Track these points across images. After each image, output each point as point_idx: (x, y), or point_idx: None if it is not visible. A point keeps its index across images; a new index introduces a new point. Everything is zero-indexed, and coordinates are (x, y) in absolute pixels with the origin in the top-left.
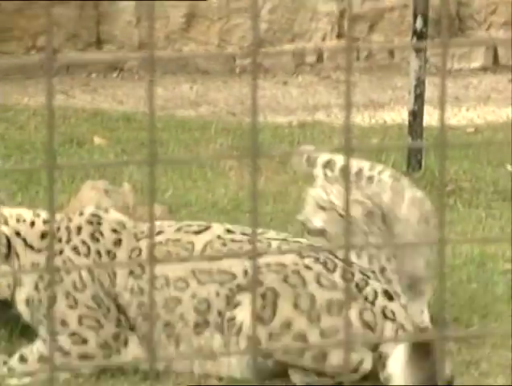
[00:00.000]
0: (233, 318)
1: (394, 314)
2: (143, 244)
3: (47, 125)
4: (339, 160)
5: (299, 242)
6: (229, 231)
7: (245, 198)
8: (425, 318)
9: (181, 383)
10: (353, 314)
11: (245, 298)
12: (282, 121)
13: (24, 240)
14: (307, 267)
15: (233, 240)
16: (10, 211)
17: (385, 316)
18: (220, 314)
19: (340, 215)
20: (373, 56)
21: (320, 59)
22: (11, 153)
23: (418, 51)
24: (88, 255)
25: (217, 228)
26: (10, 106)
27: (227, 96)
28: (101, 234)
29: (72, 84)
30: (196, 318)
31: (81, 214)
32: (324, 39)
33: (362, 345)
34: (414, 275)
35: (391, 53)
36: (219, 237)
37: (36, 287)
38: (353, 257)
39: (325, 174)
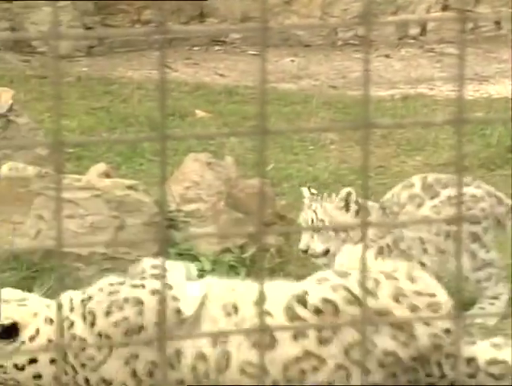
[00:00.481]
0: None
1: None
2: None
3: (159, 96)
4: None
5: None
6: None
7: (346, 171)
8: None
9: None
10: None
11: None
12: (384, 94)
13: None
14: None
15: None
16: None
17: None
18: None
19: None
20: (478, 28)
21: (423, 31)
22: (116, 125)
23: None
24: None
25: None
26: (115, 79)
27: (328, 70)
28: None
29: (174, 57)
30: None
31: None
32: (428, 11)
33: None
34: None
35: (498, 24)
36: None
37: None
38: None
39: (311, 193)
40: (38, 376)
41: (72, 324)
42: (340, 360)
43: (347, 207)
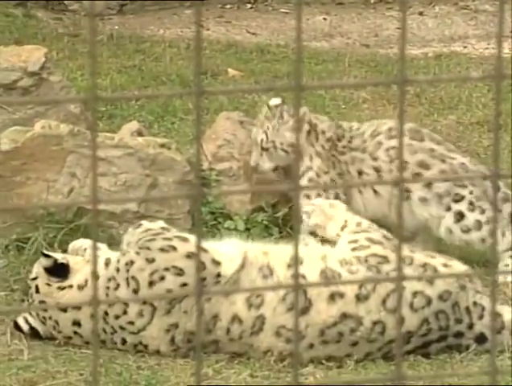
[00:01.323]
0: None
1: None
2: None
3: (195, 54)
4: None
5: None
6: None
7: None
8: None
9: None
10: None
11: None
12: (417, 52)
13: None
14: None
15: None
16: None
17: None
18: None
19: (284, 151)
20: None
21: None
22: (148, 84)
23: None
24: None
25: None
26: (146, 38)
27: (361, 28)
28: None
29: (206, 15)
30: None
31: None
32: None
33: None
34: None
35: None
36: None
37: None
38: None
39: (266, 112)
40: (77, 324)
41: (117, 286)
42: (376, 316)
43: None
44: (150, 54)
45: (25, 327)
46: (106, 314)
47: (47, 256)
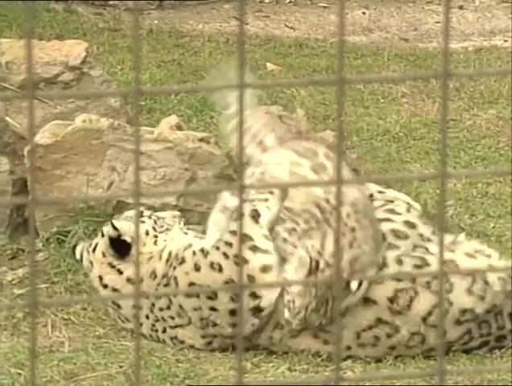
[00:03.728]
0: None
1: None
2: None
3: (238, 46)
4: None
5: None
6: None
7: (418, 125)
8: None
9: None
10: None
11: None
12: (457, 46)
13: None
14: None
15: None
16: None
17: None
18: None
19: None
20: None
21: None
22: (187, 78)
23: None
24: None
25: None
26: (185, 32)
27: (400, 22)
28: None
29: (245, 9)
30: None
31: None
32: None
33: None
34: None
35: None
36: None
37: None
38: None
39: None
40: (117, 305)
41: (167, 284)
42: (415, 328)
43: None
44: (189, 48)
45: (78, 256)
46: (153, 305)
47: (115, 227)
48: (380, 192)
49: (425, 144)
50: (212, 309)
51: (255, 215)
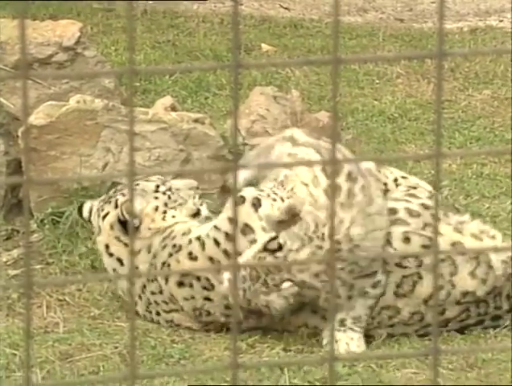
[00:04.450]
0: None
1: None
2: None
3: (232, 26)
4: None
5: None
6: None
7: (413, 105)
8: None
9: None
10: None
11: None
12: (452, 27)
13: None
14: None
15: None
16: None
17: None
18: None
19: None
20: None
21: None
22: (181, 59)
23: None
24: None
25: None
26: (180, 13)
27: (394, 2)
28: None
29: None
30: None
31: None
32: None
33: None
34: None
35: None
36: None
37: None
38: None
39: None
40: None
41: (161, 266)
42: (415, 308)
43: None
44: (183, 29)
45: (86, 214)
46: (145, 286)
47: (123, 214)
48: (403, 177)
49: (420, 125)
50: (207, 299)
51: (256, 204)
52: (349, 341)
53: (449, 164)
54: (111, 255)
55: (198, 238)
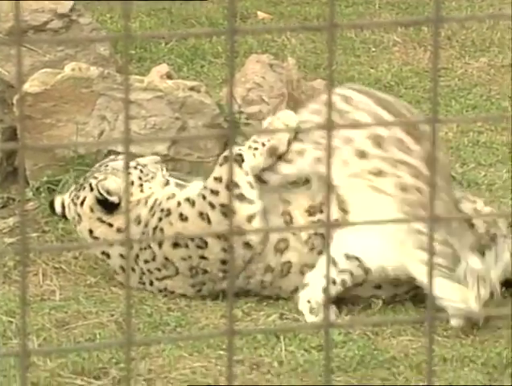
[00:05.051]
0: None
1: None
2: None
3: None
4: None
5: None
6: None
7: (409, 73)
8: None
9: None
10: None
11: None
12: None
13: None
14: None
15: None
16: None
17: None
18: None
19: None
20: None
21: None
22: (177, 27)
23: None
24: None
25: None
26: None
27: None
28: None
29: None
30: None
31: None
32: None
33: None
34: None
35: None
36: None
37: None
38: None
39: None
40: (107, 255)
41: (152, 232)
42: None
43: None
44: None
45: (58, 209)
46: (137, 256)
47: (100, 193)
48: None
49: (416, 93)
50: (203, 257)
51: (239, 160)
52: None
53: (446, 132)
54: (96, 239)
55: (187, 199)
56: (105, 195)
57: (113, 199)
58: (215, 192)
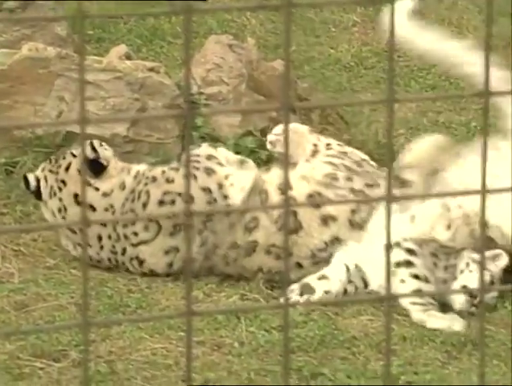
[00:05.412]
0: None
1: None
2: None
3: None
4: None
5: None
6: None
7: (369, 54)
8: None
9: None
10: None
11: None
12: None
13: None
14: None
15: None
16: None
17: None
18: None
19: None
20: None
21: None
22: (136, 8)
23: None
24: None
25: None
26: None
27: None
28: None
29: None
30: None
31: None
32: None
33: None
34: None
35: None
36: None
37: None
38: None
39: None
40: (73, 231)
41: (137, 197)
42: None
43: None
44: None
45: (33, 183)
46: (117, 222)
47: (94, 148)
48: (339, 145)
49: (376, 73)
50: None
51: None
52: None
53: (405, 112)
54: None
55: (171, 168)
56: (98, 150)
57: (103, 161)
58: (197, 161)
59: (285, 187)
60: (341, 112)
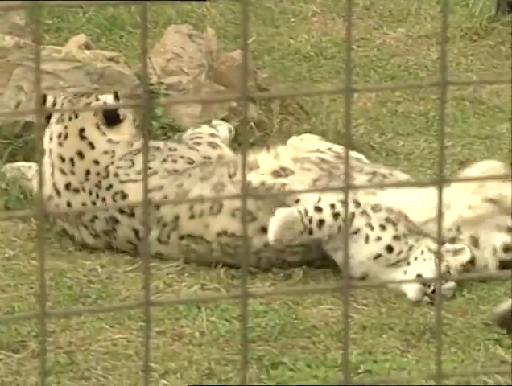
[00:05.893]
0: None
1: None
2: None
3: None
4: None
5: None
6: None
7: (329, 44)
8: None
9: None
10: None
11: None
12: None
13: None
14: None
15: None
16: None
17: None
18: None
19: None
20: None
21: None
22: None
23: None
24: None
25: None
26: None
27: None
28: None
29: None
30: None
31: None
32: None
33: None
34: None
35: None
36: None
37: None
38: None
39: None
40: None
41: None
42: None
43: None
44: None
45: (48, 104)
46: (112, 163)
47: (117, 97)
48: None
49: (336, 63)
50: (173, 149)
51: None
52: None
53: (364, 102)
54: (83, 138)
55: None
56: (116, 106)
57: (119, 111)
58: (197, 143)
59: (243, 184)
60: (301, 102)
